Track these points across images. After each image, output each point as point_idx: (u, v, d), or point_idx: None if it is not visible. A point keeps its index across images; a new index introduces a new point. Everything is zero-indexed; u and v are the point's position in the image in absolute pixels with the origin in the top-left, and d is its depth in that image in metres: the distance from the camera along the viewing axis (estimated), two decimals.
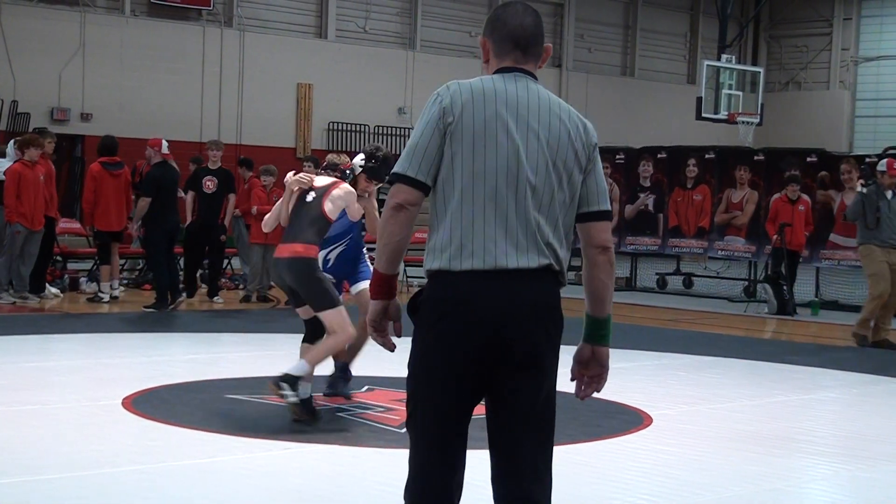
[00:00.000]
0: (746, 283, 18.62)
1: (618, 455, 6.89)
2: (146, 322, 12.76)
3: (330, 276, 7.69)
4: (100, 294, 14.29)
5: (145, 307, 13.54)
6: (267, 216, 8.00)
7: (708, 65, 25.92)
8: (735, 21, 32.48)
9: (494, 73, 3.62)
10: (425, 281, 3.54)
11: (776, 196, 16.88)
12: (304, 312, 7.59)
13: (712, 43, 32.11)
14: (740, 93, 25.82)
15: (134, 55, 24.35)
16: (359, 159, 7.97)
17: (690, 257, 20.92)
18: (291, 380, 7.16)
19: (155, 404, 7.82)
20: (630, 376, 10.03)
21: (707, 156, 19.00)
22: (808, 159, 17.81)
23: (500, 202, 3.43)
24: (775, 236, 15.90)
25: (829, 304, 17.02)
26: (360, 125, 27.62)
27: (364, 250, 8.41)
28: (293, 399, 7.15)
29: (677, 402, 8.80)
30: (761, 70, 27.97)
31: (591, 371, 3.67)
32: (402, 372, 9.55)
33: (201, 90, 25.37)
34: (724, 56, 26.72)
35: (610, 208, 3.61)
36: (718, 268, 20.56)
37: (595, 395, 3.74)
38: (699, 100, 25.35)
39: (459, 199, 3.44)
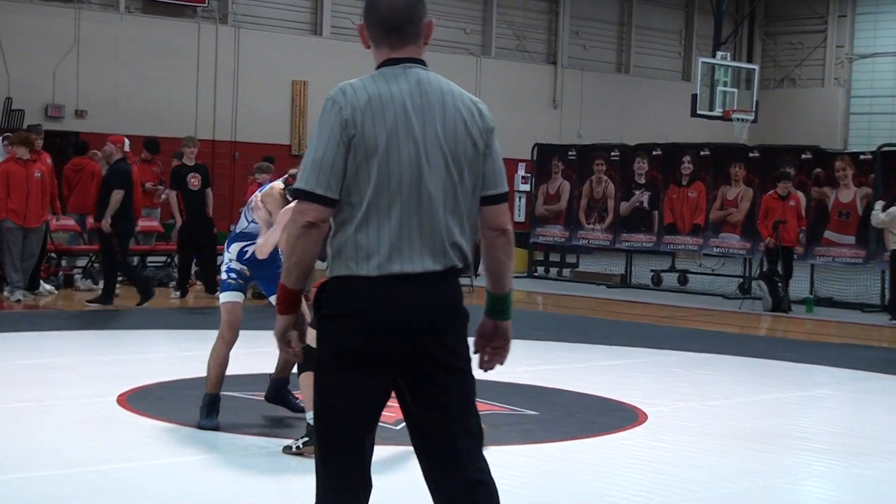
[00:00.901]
0: (741, 280, 18.64)
1: (613, 452, 6.90)
2: (141, 319, 12.75)
3: (243, 268, 7.24)
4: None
5: (88, 301, 13.49)
6: (266, 241, 7.05)
7: (703, 62, 25.96)
8: (730, 18, 32.50)
9: (381, 65, 3.58)
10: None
11: (767, 194, 16.89)
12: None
13: (707, 40, 32.15)
14: (735, 90, 25.87)
15: (129, 52, 24.31)
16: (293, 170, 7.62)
17: (685, 254, 20.95)
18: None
19: (149, 401, 7.82)
20: (625, 373, 10.04)
21: (702, 153, 19.01)
22: (803, 156, 17.83)
23: (405, 209, 3.44)
24: (768, 238, 15.86)
25: (824, 301, 17.04)
26: None
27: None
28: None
29: (672, 399, 8.81)
30: (756, 67, 28.04)
31: (495, 343, 3.74)
32: None
33: (196, 87, 25.35)
34: (719, 53, 26.76)
35: (507, 189, 3.61)
36: (713, 265, 20.57)
37: (499, 366, 3.81)
38: (694, 97, 25.40)
39: (366, 208, 3.43)
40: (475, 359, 3.69)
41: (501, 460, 6.57)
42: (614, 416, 7.97)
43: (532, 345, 11.67)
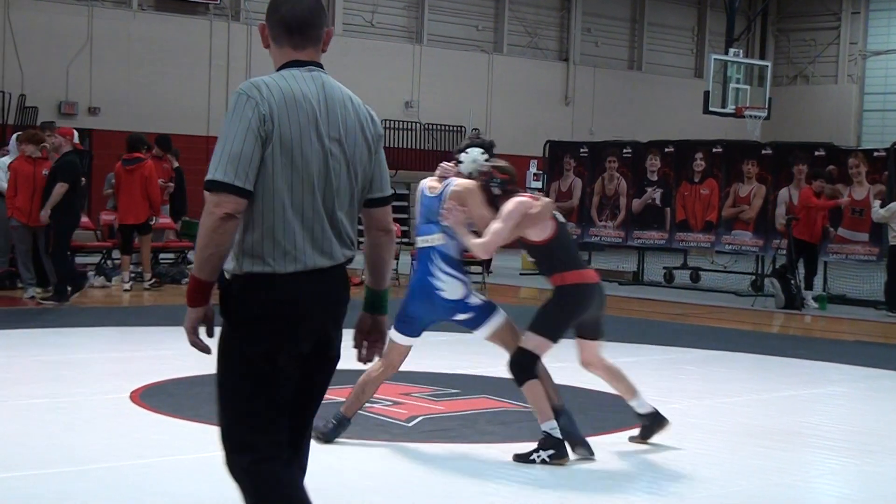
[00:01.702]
0: (754, 277, 18.60)
1: (625, 449, 6.89)
2: (155, 316, 12.77)
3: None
4: (123, 284, 14.75)
5: (42, 299, 13.40)
6: (489, 240, 6.49)
7: (715, 59, 25.88)
8: (743, 15, 32.40)
9: (285, 66, 3.65)
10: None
11: (794, 190, 16.91)
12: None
13: (720, 37, 32.06)
14: (748, 87, 25.79)
15: (141, 49, 24.35)
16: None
17: (698, 251, 20.91)
18: None
19: (162, 398, 7.84)
20: (637, 370, 9.98)
21: (714, 150, 18.96)
22: (816, 153, 17.78)
23: (315, 205, 3.56)
24: (786, 230, 15.94)
25: (837, 298, 17.00)
26: None
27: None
28: None
29: (685, 397, 8.79)
30: (769, 64, 27.96)
31: (373, 337, 3.86)
32: (409, 366, 9.48)
33: (208, 84, 25.38)
34: (731, 50, 26.68)
35: (392, 192, 3.80)
36: (726, 262, 20.53)
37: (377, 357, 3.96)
38: (706, 94, 25.32)
39: (280, 204, 3.51)
40: (353, 353, 3.89)
41: (512, 457, 6.57)
42: (626, 414, 7.94)
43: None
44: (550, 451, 6.32)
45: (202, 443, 6.63)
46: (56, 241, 13.29)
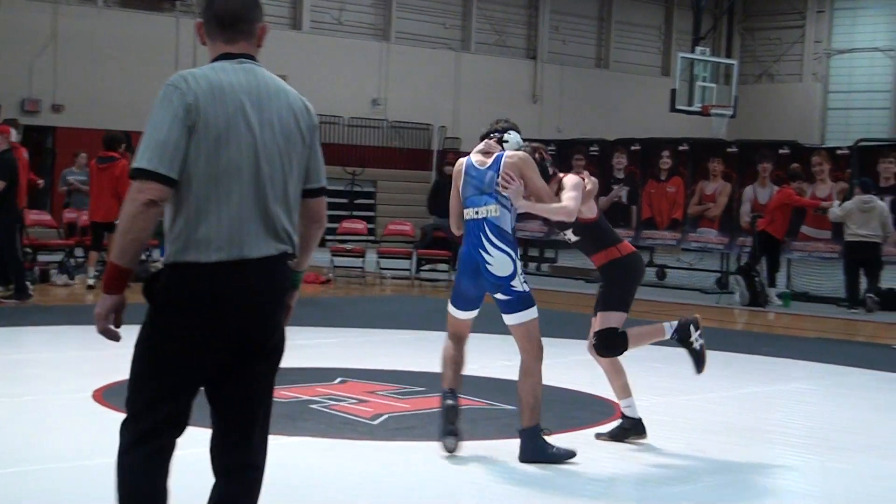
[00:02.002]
0: (719, 274, 18.70)
1: (591, 445, 6.91)
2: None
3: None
4: (88, 280, 14.66)
5: (2, 298, 13.32)
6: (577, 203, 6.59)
7: (682, 57, 25.98)
8: (709, 13, 32.56)
9: (217, 59, 3.69)
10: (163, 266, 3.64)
11: (759, 188, 17.07)
12: None
13: (686, 35, 32.20)
14: (714, 85, 25.90)
15: (106, 46, 24.21)
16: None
17: (664, 249, 21.01)
18: None
19: (125, 397, 7.77)
20: (602, 368, 10.04)
21: (680, 148, 19.06)
22: (781, 151, 17.90)
23: (244, 196, 3.56)
24: (751, 227, 16.10)
25: (800, 295, 17.12)
26: (335, 117, 27.57)
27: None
28: None
29: (650, 394, 8.82)
30: (735, 62, 28.10)
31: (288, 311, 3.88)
32: (375, 364, 9.50)
33: None
34: (698, 48, 26.79)
35: (326, 184, 3.84)
36: (691, 259, 20.63)
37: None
38: (673, 92, 25.42)
39: (204, 193, 3.53)
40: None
41: (480, 455, 6.58)
42: (591, 411, 7.99)
43: (510, 339, 11.66)
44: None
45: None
46: (1, 242, 13.22)
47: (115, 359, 9.51)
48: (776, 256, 16.76)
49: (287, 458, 6.18)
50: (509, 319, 6.57)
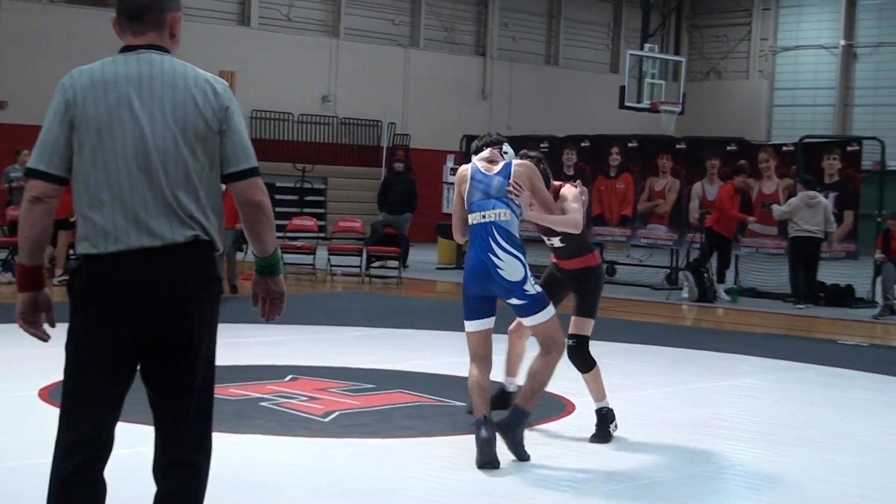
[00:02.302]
0: (668, 270, 18.83)
1: (541, 442, 6.94)
2: (64, 311, 12.55)
3: None
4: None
5: None
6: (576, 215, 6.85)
7: (631, 54, 26.14)
8: (657, 11, 32.77)
9: (119, 52, 3.71)
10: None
11: (707, 184, 17.23)
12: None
13: (635, 32, 32.39)
14: (662, 82, 26.07)
15: (51, 42, 23.94)
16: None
17: (613, 245, 21.10)
18: None
19: None
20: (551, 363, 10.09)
21: (630, 144, 19.15)
22: (728, 148, 18.05)
23: (134, 185, 3.56)
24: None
25: (748, 291, 17.28)
26: (285, 113, 27.46)
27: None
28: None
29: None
30: (683, 59, 28.29)
31: (272, 296, 3.84)
32: (326, 361, 9.47)
33: None
34: (646, 45, 26.96)
35: (254, 164, 3.71)
36: (641, 256, 20.75)
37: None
38: (622, 89, 25.56)
39: (95, 185, 3.57)
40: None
41: (431, 452, 6.59)
42: (542, 408, 8.00)
43: (462, 336, 11.68)
44: (615, 422, 7.04)
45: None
46: None
47: (62, 357, 9.45)
48: (726, 253, 16.91)
49: (237, 455, 6.16)
50: (527, 322, 6.67)
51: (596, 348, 11.46)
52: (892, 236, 15.51)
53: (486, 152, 6.71)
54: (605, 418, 7.09)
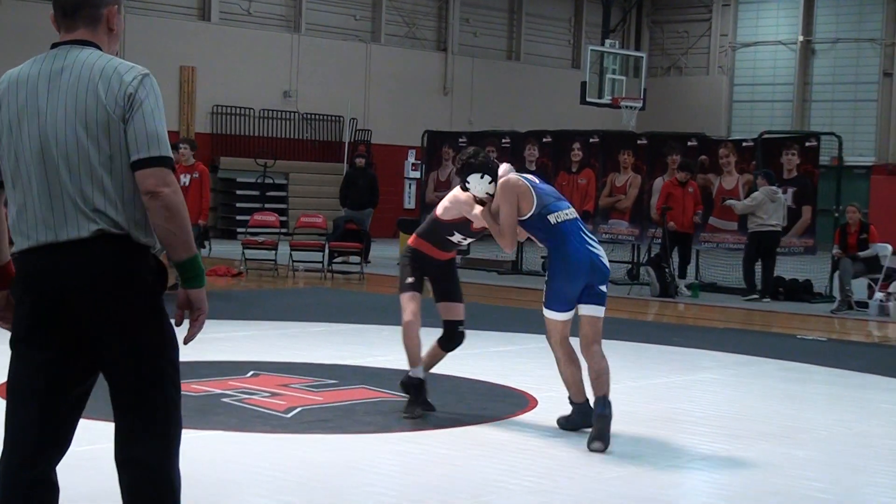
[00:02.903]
0: (630, 265, 18.91)
1: (503, 437, 6.96)
2: None
3: None
4: None
5: None
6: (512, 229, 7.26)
7: (592, 49, 26.23)
8: (618, 6, 32.90)
9: (50, 48, 3.72)
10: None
11: (664, 180, 17.31)
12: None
13: (596, 28, 32.49)
14: (623, 77, 26.18)
15: (9, 37, 23.73)
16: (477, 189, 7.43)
17: None
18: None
19: None
20: (515, 359, 10.13)
21: (591, 140, 19.22)
22: (689, 143, 18.14)
23: (38, 183, 3.57)
24: (661, 219, 16.36)
25: (709, 286, 17.39)
26: (246, 108, 27.36)
27: None
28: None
29: (562, 385, 8.90)
30: (644, 55, 28.41)
31: (193, 314, 3.68)
32: (288, 357, 9.47)
33: None
34: (607, 41, 27.07)
35: (160, 153, 3.55)
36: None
37: (198, 336, 3.72)
38: (583, 84, 25.65)
39: (11, 185, 3.63)
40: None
41: (394, 448, 6.59)
42: (505, 402, 8.04)
43: (422, 331, 11.68)
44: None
45: (77, 436, 6.50)
46: None
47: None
48: (686, 249, 17.03)
49: (199, 452, 6.14)
50: (599, 311, 7.00)
51: None
52: (848, 231, 15.66)
53: (506, 167, 7.17)
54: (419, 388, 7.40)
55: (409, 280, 7.45)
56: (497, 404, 7.96)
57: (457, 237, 7.53)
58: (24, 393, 3.59)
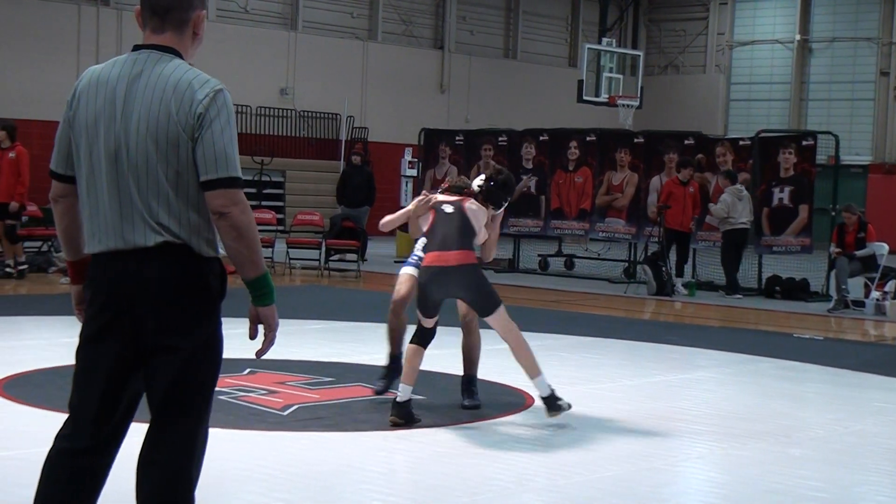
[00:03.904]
0: (626, 264, 18.91)
1: (500, 436, 6.96)
2: (22, 305, 12.46)
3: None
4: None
5: None
6: (391, 218, 7.66)
7: (589, 48, 26.24)
8: (615, 5, 32.90)
9: (132, 50, 3.70)
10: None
11: (661, 178, 17.33)
12: (431, 323, 7.34)
13: (593, 26, 32.50)
14: (620, 76, 26.19)
15: (6, 34, 23.69)
16: (478, 181, 7.59)
17: (572, 239, 21.17)
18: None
19: (29, 389, 7.66)
20: (511, 357, 10.10)
21: (588, 138, 19.21)
22: (686, 142, 18.13)
23: (110, 189, 3.58)
24: (658, 217, 16.39)
25: (705, 284, 17.39)
26: (243, 106, 27.33)
27: None
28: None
29: (558, 383, 8.88)
30: (641, 53, 28.45)
31: (264, 330, 3.75)
32: (284, 355, 9.47)
33: (77, 70, 24.78)
34: (604, 39, 27.08)
35: (228, 174, 3.53)
36: (599, 249, 20.83)
37: (271, 349, 3.87)
38: (580, 83, 25.66)
39: (85, 186, 3.63)
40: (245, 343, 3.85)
41: (390, 445, 6.59)
42: (501, 401, 8.04)
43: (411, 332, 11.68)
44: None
45: None
46: None
47: (18, 351, 9.37)
48: (684, 247, 17.02)
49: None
50: None
51: (554, 341, 11.58)
52: (846, 230, 15.66)
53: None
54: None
55: None
56: (493, 402, 7.95)
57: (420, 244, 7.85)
58: (90, 387, 3.64)
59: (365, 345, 10.51)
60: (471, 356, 7.78)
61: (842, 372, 10.23)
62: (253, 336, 3.74)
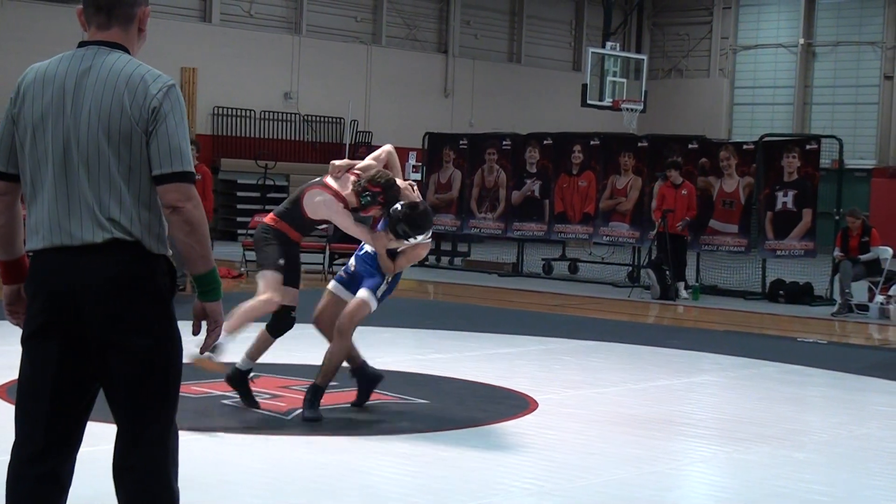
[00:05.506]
0: (630, 268, 18.90)
1: (504, 440, 6.96)
2: None
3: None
4: None
5: None
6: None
7: (593, 52, 26.21)
8: (619, 9, 32.87)
9: (77, 47, 3.68)
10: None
11: (660, 183, 17.30)
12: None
13: (597, 30, 32.47)
14: (624, 80, 26.15)
15: (10, 38, 23.73)
16: (397, 205, 7.29)
17: (576, 243, 21.17)
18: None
19: None
20: (516, 361, 10.12)
21: (592, 142, 19.22)
22: (690, 146, 18.13)
23: (58, 185, 3.55)
24: (660, 222, 16.34)
25: (709, 288, 17.38)
26: (247, 110, 27.36)
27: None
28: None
29: (562, 387, 8.91)
30: (645, 57, 28.37)
31: (208, 325, 3.68)
32: (288, 359, 9.47)
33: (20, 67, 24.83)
34: (608, 43, 27.05)
35: (182, 169, 3.52)
36: (603, 253, 20.82)
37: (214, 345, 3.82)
38: (584, 87, 25.62)
39: (30, 183, 3.61)
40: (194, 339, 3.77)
41: (394, 449, 6.59)
42: (505, 405, 8.04)
43: (422, 333, 11.70)
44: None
45: None
46: None
47: (17, 355, 9.36)
48: (680, 252, 16.95)
49: (198, 453, 6.14)
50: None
51: (558, 345, 11.57)
52: (850, 234, 15.65)
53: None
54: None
55: (281, 262, 7.34)
56: (497, 406, 7.95)
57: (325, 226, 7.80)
58: (35, 388, 3.59)
59: (367, 349, 10.50)
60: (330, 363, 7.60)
61: (846, 376, 10.22)
62: (196, 332, 3.68)
